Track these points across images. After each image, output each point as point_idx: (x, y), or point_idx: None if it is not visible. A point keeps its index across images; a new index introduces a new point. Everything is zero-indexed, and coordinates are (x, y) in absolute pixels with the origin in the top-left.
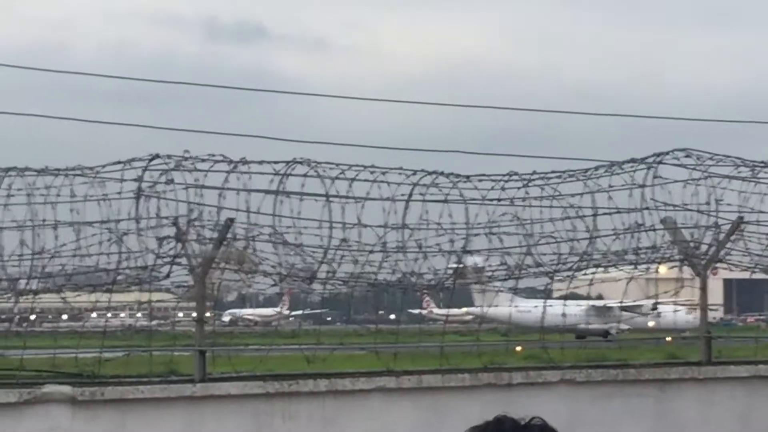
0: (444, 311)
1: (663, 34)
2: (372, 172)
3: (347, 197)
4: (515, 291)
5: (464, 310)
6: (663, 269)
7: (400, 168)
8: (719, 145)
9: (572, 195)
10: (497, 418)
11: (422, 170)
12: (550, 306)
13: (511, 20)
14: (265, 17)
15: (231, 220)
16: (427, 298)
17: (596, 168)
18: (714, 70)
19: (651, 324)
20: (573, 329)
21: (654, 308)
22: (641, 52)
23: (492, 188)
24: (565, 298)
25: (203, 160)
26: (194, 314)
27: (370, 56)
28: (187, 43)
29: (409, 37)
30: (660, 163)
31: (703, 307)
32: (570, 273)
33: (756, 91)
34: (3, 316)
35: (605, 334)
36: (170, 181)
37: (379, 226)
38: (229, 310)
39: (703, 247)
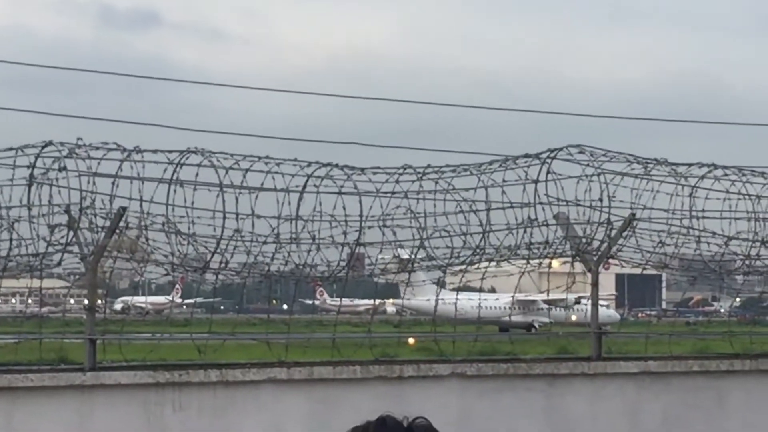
0: (337, 301)
1: (561, 30)
2: (266, 163)
3: (241, 187)
4: (442, 284)
5: (390, 301)
6: (555, 264)
7: (295, 159)
8: (615, 142)
9: (466, 189)
10: (380, 418)
11: (317, 162)
12: (471, 299)
13: (413, 14)
14: (161, 5)
15: (123, 209)
16: (321, 289)
17: (490, 162)
18: (612, 67)
19: (574, 318)
20: (497, 322)
21: (577, 302)
22: (540, 47)
23: (386, 181)
24: (457, 290)
25: (97, 148)
26: (86, 302)
27: (268, 47)
28: (82, 29)
29: (308, 28)
30: (553, 158)
31: (594, 302)
32: (463, 266)
33: (652, 89)
34: None
35: (529, 327)
36: (63, 169)
37: (273, 217)
38: (121, 298)
39: (595, 243)
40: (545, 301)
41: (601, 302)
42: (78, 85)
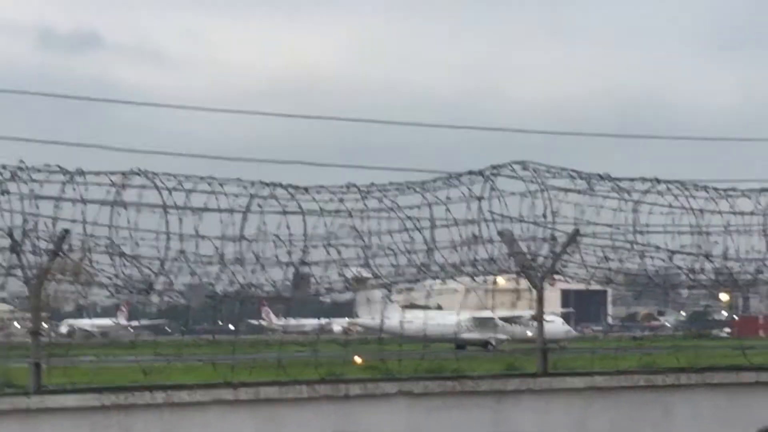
0: (283, 321)
1: (502, 46)
2: (210, 184)
3: (185, 208)
4: (412, 302)
5: (347, 321)
6: (501, 280)
7: (238, 179)
8: (557, 159)
9: (410, 207)
10: None
11: (260, 182)
12: (432, 317)
13: (355, 34)
14: (101, 26)
15: (66, 231)
16: (266, 309)
17: (434, 180)
18: (554, 83)
19: (530, 334)
20: (454, 339)
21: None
22: (480, 65)
23: (330, 200)
24: (404, 308)
25: (39, 171)
26: (30, 325)
27: (210, 68)
28: (21, 51)
29: (249, 49)
30: (497, 175)
31: (539, 318)
32: (408, 284)
33: (591, 106)
34: None
35: (485, 344)
36: (5, 192)
37: (217, 238)
38: (67, 321)
39: (540, 259)
40: (502, 318)
41: (557, 318)
42: (19, 108)
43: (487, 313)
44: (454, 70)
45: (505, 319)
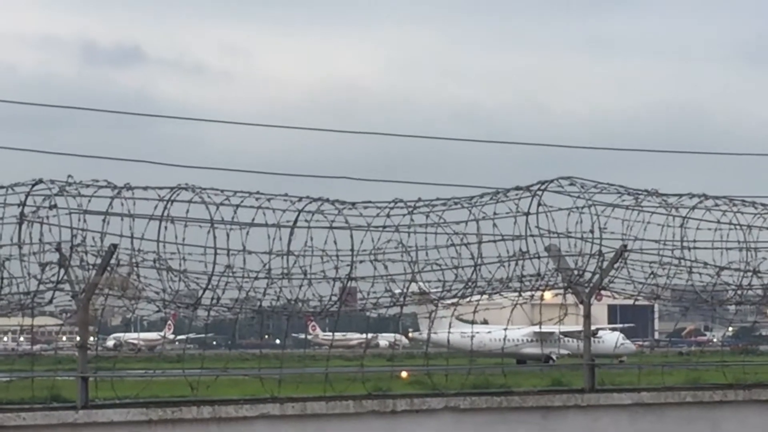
0: (329, 335)
1: (546, 60)
2: (257, 199)
3: (232, 223)
4: (458, 316)
5: (411, 335)
6: (547, 296)
7: (285, 194)
8: (604, 173)
9: (457, 222)
10: None
11: (307, 197)
12: (489, 332)
13: (394, 48)
14: (143, 40)
15: (114, 246)
16: (313, 323)
17: (481, 195)
18: (595, 99)
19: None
20: (514, 354)
21: (595, 333)
22: (522, 80)
23: (377, 215)
24: (450, 324)
25: (87, 186)
26: (78, 339)
27: (251, 82)
28: (66, 66)
29: (290, 63)
30: (544, 190)
31: (587, 334)
32: (455, 300)
33: (635, 121)
34: None
35: (547, 359)
36: (54, 207)
37: (264, 253)
38: (114, 335)
39: (587, 275)
40: (563, 333)
41: (617, 333)
42: (64, 122)
43: (548, 328)
44: (496, 83)
45: (566, 334)
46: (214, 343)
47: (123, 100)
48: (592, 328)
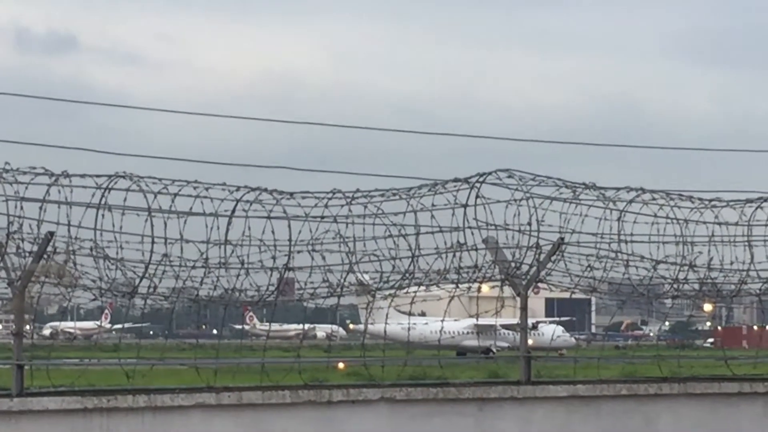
0: (266, 326)
1: (483, 54)
2: (195, 188)
3: (169, 212)
4: (396, 308)
5: (351, 326)
6: (485, 288)
7: (224, 184)
8: (541, 167)
9: (395, 213)
10: None
11: (245, 186)
12: (426, 323)
13: (334, 38)
14: (77, 29)
15: (51, 234)
16: (250, 313)
17: (419, 187)
18: (538, 92)
19: (530, 342)
20: (454, 346)
21: (534, 327)
22: (463, 72)
23: (315, 205)
24: (387, 315)
25: (24, 173)
26: (13, 327)
27: (187, 72)
28: None
29: (226, 53)
30: (482, 183)
31: (524, 326)
32: (392, 291)
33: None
34: None
35: (487, 351)
36: None
37: (202, 242)
38: (50, 323)
39: (524, 267)
40: (502, 326)
41: (557, 327)
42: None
43: (488, 321)
44: (434, 76)
45: (506, 327)
46: (151, 332)
47: (58, 88)
48: (532, 321)
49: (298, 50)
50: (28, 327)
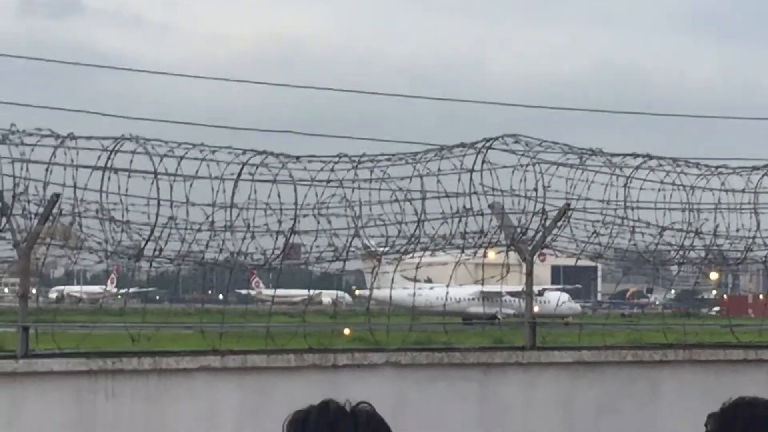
0: (272, 291)
1: (487, 22)
2: (201, 151)
3: (176, 175)
4: (402, 273)
5: (357, 292)
6: (491, 254)
7: (230, 147)
8: (545, 133)
9: (401, 178)
10: (322, 403)
11: (252, 150)
12: (432, 288)
13: (338, 3)
14: None
15: (57, 196)
16: (256, 278)
17: (426, 152)
18: (545, 60)
19: (536, 309)
20: (460, 313)
21: (540, 294)
22: (467, 39)
23: (322, 169)
24: (392, 280)
25: (30, 134)
26: (19, 289)
27: (191, 36)
28: (3, 18)
29: (231, 18)
30: (489, 148)
31: (529, 292)
32: (397, 256)
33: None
34: None
35: (493, 317)
36: None
37: (208, 205)
38: (56, 287)
39: (530, 233)
40: (509, 293)
41: (563, 294)
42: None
43: (495, 287)
44: (437, 42)
45: (512, 294)
46: (157, 297)
47: (63, 52)
48: (538, 288)
49: (303, 15)
50: (33, 290)
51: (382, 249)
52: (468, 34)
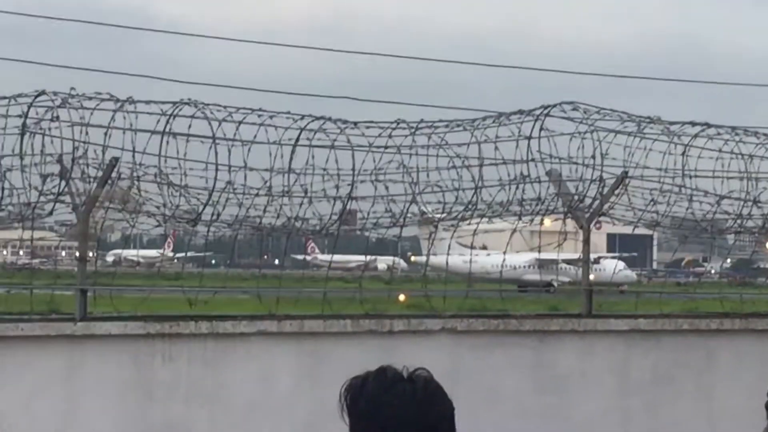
0: (328, 257)
1: None
2: (259, 116)
3: (234, 140)
4: (458, 240)
5: (413, 258)
6: (547, 222)
7: (288, 112)
8: (603, 101)
9: (459, 145)
10: (380, 368)
11: (310, 115)
12: (489, 254)
13: None
14: None
15: (116, 159)
16: (312, 244)
17: (483, 119)
18: (601, 28)
19: (591, 277)
20: (516, 280)
21: (596, 261)
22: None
23: (379, 135)
24: (449, 247)
25: (90, 98)
26: (77, 253)
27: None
28: None
29: None
30: (547, 115)
31: (586, 260)
32: (455, 222)
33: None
34: None
35: (548, 285)
36: (56, 119)
37: (265, 170)
38: (113, 251)
39: (587, 201)
40: (565, 261)
41: (619, 263)
42: (62, 38)
43: (551, 255)
44: (492, 10)
45: (568, 262)
46: (213, 261)
47: (120, 16)
48: (595, 256)
49: None
50: (91, 254)
51: (438, 215)
52: (526, 3)
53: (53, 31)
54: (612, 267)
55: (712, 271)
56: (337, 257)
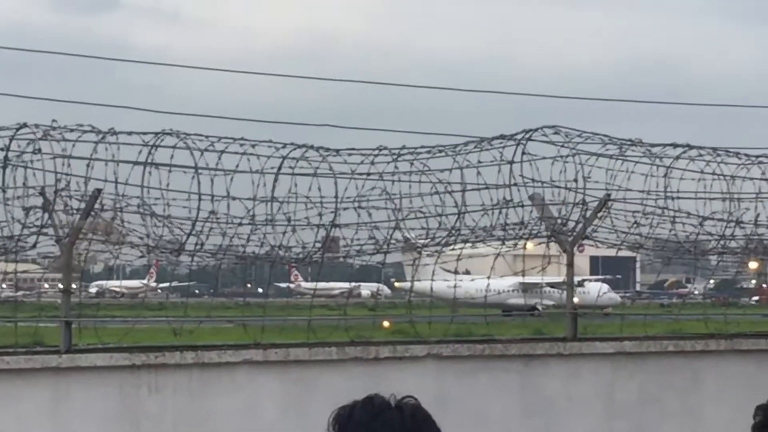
0: (311, 285)
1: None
2: (241, 145)
3: (216, 169)
4: (441, 266)
5: (397, 285)
6: (530, 246)
7: (270, 141)
8: (582, 124)
9: (441, 170)
10: (367, 397)
11: (292, 143)
12: (473, 279)
13: None
14: None
15: (98, 191)
16: (295, 272)
17: (465, 144)
18: (571, 50)
19: (576, 300)
20: (500, 305)
21: (580, 284)
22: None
23: (362, 162)
24: (433, 272)
25: (71, 130)
26: (60, 285)
27: (228, 29)
28: (38, 12)
29: (266, 11)
30: (529, 139)
31: (570, 283)
32: (438, 248)
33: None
34: None
35: (532, 309)
36: (38, 151)
37: (248, 199)
38: (96, 282)
39: (570, 224)
40: (549, 284)
41: (603, 285)
42: (43, 69)
43: (535, 278)
44: (464, 35)
45: (552, 285)
46: (197, 291)
47: (101, 48)
48: (579, 279)
49: (334, 10)
50: (75, 285)
51: (422, 241)
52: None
53: (32, 63)
54: (596, 290)
55: (696, 292)
56: (321, 285)
